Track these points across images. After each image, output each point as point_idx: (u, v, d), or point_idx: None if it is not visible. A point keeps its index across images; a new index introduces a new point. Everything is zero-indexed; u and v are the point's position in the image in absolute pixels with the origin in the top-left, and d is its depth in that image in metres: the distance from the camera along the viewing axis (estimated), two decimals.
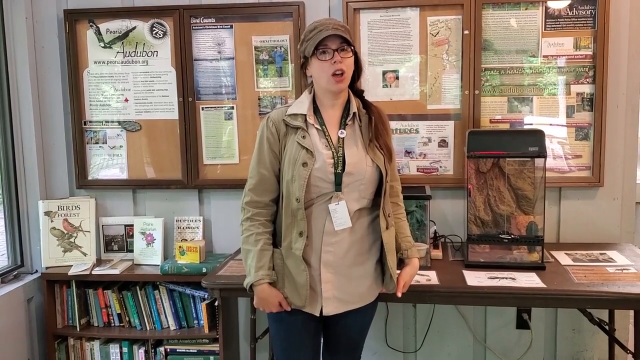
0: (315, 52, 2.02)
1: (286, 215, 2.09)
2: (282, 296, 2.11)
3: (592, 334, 3.12)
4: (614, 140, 3.00)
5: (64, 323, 3.29)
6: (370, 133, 2.10)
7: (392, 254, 2.17)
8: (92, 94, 3.31)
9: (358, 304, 2.16)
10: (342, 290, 2.12)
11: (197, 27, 3.20)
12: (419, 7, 3.03)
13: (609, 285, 2.40)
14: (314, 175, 2.04)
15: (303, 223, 2.05)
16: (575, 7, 2.94)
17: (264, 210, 2.15)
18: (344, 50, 2.02)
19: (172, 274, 3.08)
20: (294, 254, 2.07)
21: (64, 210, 3.30)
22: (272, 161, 2.13)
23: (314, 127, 2.10)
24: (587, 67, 2.97)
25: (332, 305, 2.12)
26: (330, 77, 2.03)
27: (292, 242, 2.08)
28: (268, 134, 2.12)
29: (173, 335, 3.18)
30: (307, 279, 2.07)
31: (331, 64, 2.01)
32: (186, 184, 3.29)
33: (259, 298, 2.12)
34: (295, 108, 2.13)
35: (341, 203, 2.05)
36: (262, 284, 2.09)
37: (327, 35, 1.99)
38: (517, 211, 2.80)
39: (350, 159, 2.06)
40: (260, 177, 2.13)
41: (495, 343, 3.19)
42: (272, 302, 2.12)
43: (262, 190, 2.14)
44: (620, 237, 3.06)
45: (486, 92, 3.04)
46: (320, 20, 2.07)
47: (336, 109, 2.13)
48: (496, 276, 2.55)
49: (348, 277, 2.12)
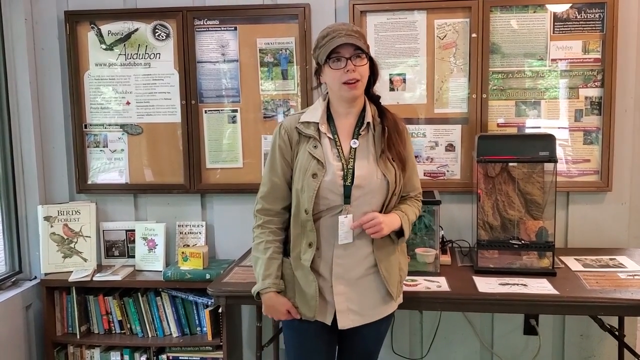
0: (327, 60, 1.98)
1: (295, 225, 2.06)
2: (291, 304, 2.08)
3: (600, 340, 3.09)
4: (622, 145, 2.98)
5: (64, 330, 3.22)
6: (382, 144, 2.06)
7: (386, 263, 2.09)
8: (93, 97, 3.26)
9: (374, 317, 2.12)
10: (356, 303, 2.07)
11: (200, 29, 3.15)
12: (426, 10, 3.00)
13: (622, 292, 2.37)
14: (323, 187, 2.00)
15: (312, 234, 2.02)
16: (584, 11, 2.92)
17: (275, 218, 2.12)
18: (358, 57, 1.97)
19: (174, 280, 3.03)
20: (303, 265, 2.04)
21: (64, 215, 3.24)
22: (284, 169, 2.09)
23: (327, 137, 2.06)
24: (596, 71, 2.94)
25: (347, 319, 2.07)
26: (342, 85, 1.98)
27: (302, 252, 2.05)
28: (280, 141, 2.09)
29: (175, 342, 3.12)
30: (316, 289, 2.03)
31: (344, 72, 1.96)
32: (188, 189, 3.24)
33: (267, 306, 2.10)
34: (308, 116, 2.09)
35: (349, 217, 2.01)
36: (268, 292, 2.07)
37: (340, 43, 1.94)
38: (526, 216, 2.77)
39: (359, 172, 2.02)
40: (272, 184, 2.11)
41: (502, 349, 3.16)
42: (280, 310, 2.09)
43: (273, 198, 2.11)
44: (628, 242, 3.04)
45: (494, 95, 3.01)
46: (333, 26, 2.02)
47: (350, 117, 2.08)
48: (507, 282, 2.51)
49: (361, 290, 2.08)
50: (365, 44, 2.02)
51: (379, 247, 2.07)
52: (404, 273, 2.19)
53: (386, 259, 2.09)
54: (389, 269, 2.10)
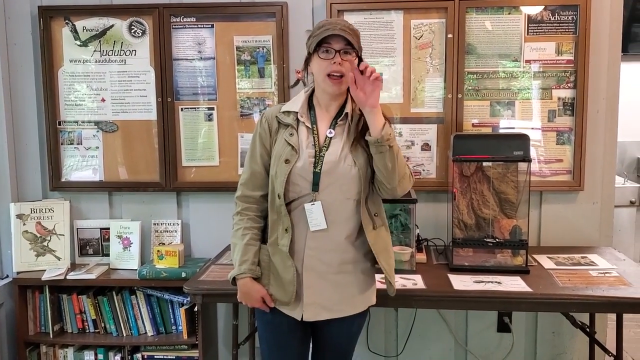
0: (317, 49, 2.00)
1: (272, 211, 2.08)
2: (266, 292, 2.09)
3: (571, 337, 3.14)
4: (594, 145, 3.03)
5: (36, 330, 3.18)
6: (356, 132, 2.07)
7: (385, 254, 2.12)
8: (67, 94, 3.22)
9: (342, 313, 2.12)
10: (324, 297, 2.08)
11: (177, 26, 3.13)
12: (403, 10, 3.02)
13: (593, 289, 2.42)
14: (295, 173, 2.03)
15: (287, 219, 2.04)
16: (557, 13, 2.96)
17: (254, 205, 2.14)
18: (347, 53, 2.00)
19: (150, 278, 3.00)
20: (281, 250, 2.06)
21: (37, 213, 3.20)
22: (263, 156, 2.13)
23: (305, 125, 2.09)
24: (569, 72, 2.99)
25: (312, 311, 2.08)
26: (326, 77, 2.00)
27: (279, 238, 2.06)
28: (260, 130, 2.14)
29: (150, 341, 3.10)
30: (294, 275, 2.05)
31: (330, 63, 1.98)
32: (164, 187, 3.22)
33: (242, 292, 2.11)
34: (289, 105, 2.14)
35: (317, 204, 2.02)
36: (244, 277, 2.08)
37: (332, 34, 1.96)
38: (500, 215, 2.81)
39: (328, 158, 2.04)
40: (252, 171, 2.15)
41: (476, 346, 3.20)
42: (255, 297, 2.09)
43: (253, 186, 2.14)
44: (600, 240, 3.09)
45: (469, 96, 3.04)
46: (331, 20, 2.10)
47: (331, 109, 2.11)
48: (481, 280, 2.55)
49: (332, 284, 2.08)
50: (358, 43, 2.03)
51: (375, 241, 2.08)
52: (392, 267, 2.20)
53: (385, 252, 2.12)
54: (388, 260, 2.13)
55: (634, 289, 2.41)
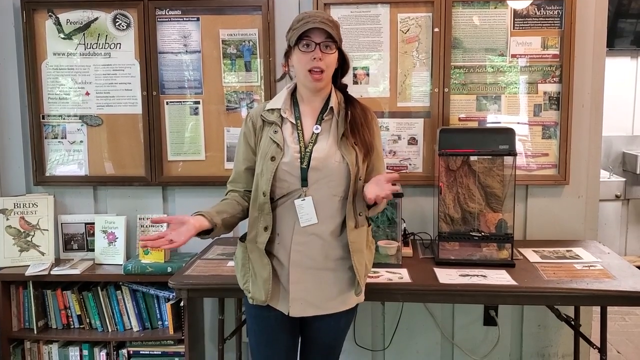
0: (298, 42, 1.99)
1: (253, 208, 2.08)
2: (197, 229, 1.95)
3: (556, 330, 3.16)
4: (579, 139, 3.05)
5: (20, 326, 3.14)
6: (345, 127, 2.06)
7: (359, 255, 2.08)
8: (51, 87, 3.18)
9: (329, 309, 2.11)
10: (310, 293, 2.07)
11: (162, 19, 3.10)
12: (390, 4, 3.01)
13: (578, 282, 2.43)
14: (281, 169, 2.02)
15: (269, 217, 2.04)
16: (543, 7, 2.97)
17: (240, 192, 2.19)
18: (327, 46, 1.99)
19: (135, 273, 2.98)
20: (258, 247, 2.06)
21: (21, 208, 3.16)
22: (249, 156, 2.14)
23: (289, 121, 2.08)
24: (554, 67, 3.00)
25: (298, 307, 2.07)
26: (307, 73, 2.00)
27: (257, 235, 2.07)
28: (245, 129, 2.15)
29: (136, 336, 3.08)
30: (269, 273, 2.04)
31: (310, 59, 1.97)
32: (149, 181, 3.19)
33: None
34: (273, 103, 2.13)
35: (307, 199, 2.02)
36: (196, 214, 2.01)
37: (312, 27, 1.95)
38: (486, 209, 2.82)
39: (316, 154, 2.03)
40: (237, 171, 2.19)
41: (463, 340, 3.21)
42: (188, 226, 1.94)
43: (239, 185, 2.19)
44: (584, 234, 3.11)
45: (455, 90, 3.04)
46: (310, 12, 2.06)
47: (315, 103, 2.10)
48: (467, 274, 2.55)
49: (318, 280, 2.08)
50: (338, 35, 2.03)
51: (354, 240, 2.06)
52: (368, 269, 2.20)
53: (359, 252, 2.09)
54: (361, 261, 2.10)
55: (617, 282, 2.42)
